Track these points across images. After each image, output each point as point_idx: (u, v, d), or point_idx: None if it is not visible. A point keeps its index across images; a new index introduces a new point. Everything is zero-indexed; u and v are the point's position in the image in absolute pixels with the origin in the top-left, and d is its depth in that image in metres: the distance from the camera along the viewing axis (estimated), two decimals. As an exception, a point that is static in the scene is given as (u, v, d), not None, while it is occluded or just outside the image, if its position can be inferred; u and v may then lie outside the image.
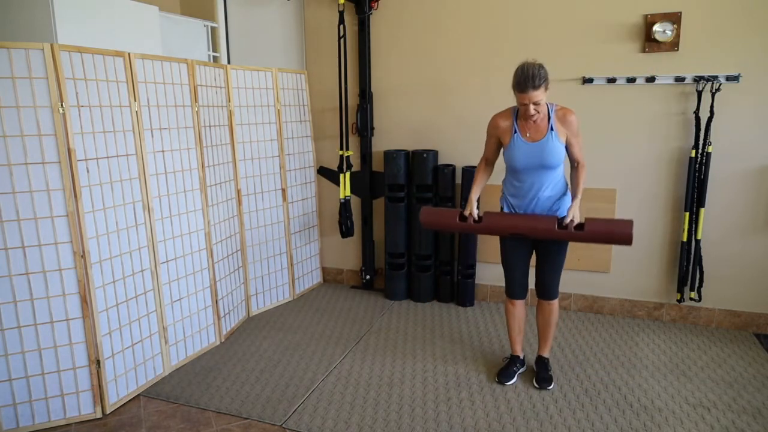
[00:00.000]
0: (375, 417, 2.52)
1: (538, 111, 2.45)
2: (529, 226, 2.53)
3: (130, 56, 2.65)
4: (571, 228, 2.47)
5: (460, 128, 3.79)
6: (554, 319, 2.78)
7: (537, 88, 2.38)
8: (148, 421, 2.53)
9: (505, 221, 2.60)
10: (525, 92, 2.39)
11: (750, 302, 3.35)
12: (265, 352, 3.18)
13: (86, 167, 2.46)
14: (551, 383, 2.74)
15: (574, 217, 2.47)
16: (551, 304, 2.75)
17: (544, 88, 2.40)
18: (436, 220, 2.77)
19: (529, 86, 2.37)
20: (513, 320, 2.83)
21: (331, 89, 4.05)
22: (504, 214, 2.65)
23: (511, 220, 2.60)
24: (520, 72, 2.40)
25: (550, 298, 2.74)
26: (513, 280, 2.76)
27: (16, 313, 2.36)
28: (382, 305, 3.89)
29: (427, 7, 3.72)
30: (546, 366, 2.81)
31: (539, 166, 2.52)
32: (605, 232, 2.45)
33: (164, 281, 2.90)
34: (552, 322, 2.78)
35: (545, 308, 2.76)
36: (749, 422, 2.43)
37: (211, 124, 3.22)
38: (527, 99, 2.40)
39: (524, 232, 2.56)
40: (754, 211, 3.26)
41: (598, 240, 2.49)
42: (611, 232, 2.44)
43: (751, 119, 3.17)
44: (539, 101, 2.41)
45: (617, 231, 2.43)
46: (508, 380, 2.78)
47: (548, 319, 2.77)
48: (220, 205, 3.33)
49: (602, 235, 2.46)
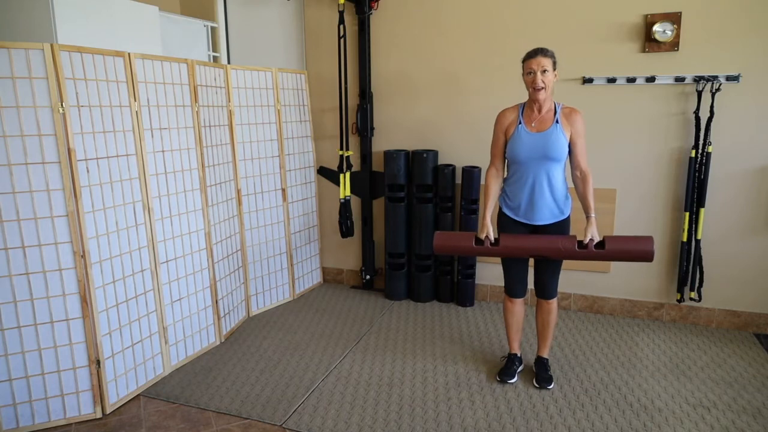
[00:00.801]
0: (375, 417, 2.52)
1: (545, 83, 2.45)
2: (550, 247, 2.49)
3: (130, 56, 2.65)
4: (591, 247, 2.46)
5: (460, 128, 3.79)
6: (553, 319, 2.78)
7: (546, 55, 2.45)
8: (148, 421, 2.53)
9: (525, 243, 2.53)
10: (534, 57, 2.44)
11: (750, 302, 3.35)
12: (265, 352, 3.18)
13: (86, 167, 2.46)
14: (551, 383, 2.74)
15: (593, 236, 2.48)
16: (550, 303, 2.75)
17: (552, 61, 2.47)
18: (450, 245, 2.65)
19: (539, 53, 2.45)
20: (512, 318, 2.83)
21: (331, 89, 4.05)
22: (522, 236, 2.58)
23: (531, 241, 2.53)
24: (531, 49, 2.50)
25: (549, 298, 2.74)
26: (512, 278, 2.76)
27: (16, 313, 2.36)
28: (382, 305, 3.89)
29: (427, 7, 3.72)
30: (545, 366, 2.81)
31: (542, 157, 2.51)
32: (626, 251, 2.43)
33: (164, 281, 2.90)
34: (551, 322, 2.78)
35: (544, 308, 2.76)
36: (749, 422, 2.43)
37: (211, 124, 3.22)
38: (536, 64, 2.44)
39: (545, 254, 2.51)
40: (754, 211, 3.26)
41: (619, 258, 2.47)
42: (632, 251, 2.43)
43: (751, 119, 3.17)
44: (547, 69, 2.44)
45: (638, 248, 2.42)
46: (509, 378, 2.79)
47: (547, 319, 2.77)
48: (220, 205, 3.33)
49: (623, 253, 2.44)
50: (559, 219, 2.60)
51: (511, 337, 2.87)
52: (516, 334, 2.86)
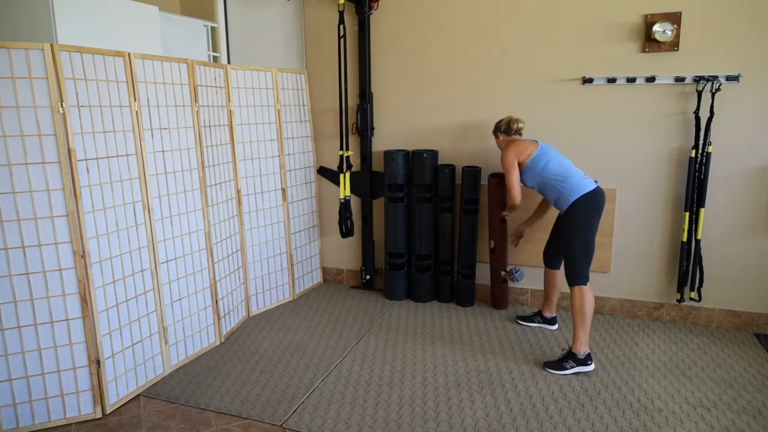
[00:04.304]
0: (375, 417, 2.52)
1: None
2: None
3: (130, 56, 2.65)
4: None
5: (460, 128, 3.79)
6: (576, 306, 2.84)
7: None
8: (148, 421, 2.53)
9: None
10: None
11: (750, 302, 3.35)
12: (265, 352, 3.18)
13: (86, 167, 2.46)
14: (552, 368, 2.89)
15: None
16: (572, 289, 2.86)
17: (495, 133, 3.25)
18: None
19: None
20: (544, 282, 3.37)
21: (331, 89, 4.05)
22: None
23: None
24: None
25: (569, 282, 2.87)
26: (545, 248, 3.31)
27: (16, 313, 2.36)
28: (382, 305, 3.89)
29: (427, 7, 3.72)
30: (563, 354, 2.95)
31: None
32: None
33: (164, 281, 2.90)
34: (573, 310, 2.86)
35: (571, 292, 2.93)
36: (749, 422, 2.43)
37: (211, 124, 3.22)
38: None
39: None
40: (754, 211, 3.26)
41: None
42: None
43: (751, 119, 3.17)
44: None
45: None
46: (524, 321, 3.46)
47: (572, 305, 2.88)
48: (220, 205, 3.33)
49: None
50: (563, 209, 2.95)
51: (543, 298, 3.45)
52: (546, 296, 3.38)
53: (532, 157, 2.96)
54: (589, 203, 2.81)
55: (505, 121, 3.18)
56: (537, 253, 3.65)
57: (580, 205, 2.82)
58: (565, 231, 2.89)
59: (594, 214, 2.83)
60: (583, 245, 2.82)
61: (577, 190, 2.83)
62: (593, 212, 2.83)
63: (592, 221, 2.83)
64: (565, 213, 2.88)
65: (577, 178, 2.86)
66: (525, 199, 3.60)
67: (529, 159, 2.97)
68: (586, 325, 2.82)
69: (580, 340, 2.85)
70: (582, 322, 2.82)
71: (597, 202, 2.83)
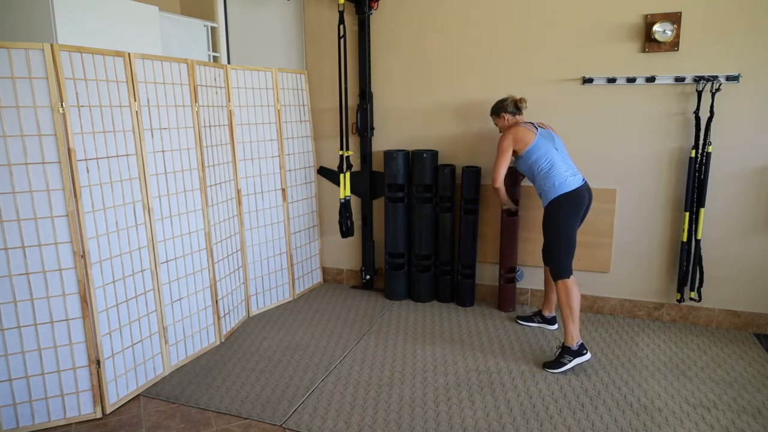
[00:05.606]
0: (375, 417, 2.52)
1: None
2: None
3: (130, 56, 2.65)
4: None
5: (460, 128, 3.79)
6: (562, 300, 2.87)
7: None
8: (148, 421, 2.53)
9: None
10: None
11: (750, 302, 3.35)
12: (265, 352, 3.18)
13: (86, 167, 2.46)
14: (551, 368, 2.88)
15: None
16: (556, 284, 2.89)
17: (493, 117, 3.28)
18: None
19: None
20: (544, 281, 3.41)
21: (331, 89, 4.05)
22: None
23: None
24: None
25: (553, 277, 2.91)
26: (542, 248, 3.16)
27: (16, 313, 2.36)
28: (382, 305, 3.89)
29: (426, 7, 3.72)
30: (559, 352, 2.93)
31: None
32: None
33: (164, 281, 2.90)
34: (560, 304, 2.88)
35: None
36: (749, 422, 2.43)
37: (211, 124, 3.22)
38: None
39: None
40: (754, 212, 3.26)
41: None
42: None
43: (751, 119, 3.17)
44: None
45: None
46: (524, 321, 3.46)
47: (558, 299, 2.91)
48: (220, 205, 3.33)
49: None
50: (544, 205, 2.99)
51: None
52: (545, 295, 3.40)
53: (527, 149, 2.98)
54: (567, 201, 2.86)
55: (510, 100, 3.16)
56: (537, 253, 3.65)
57: (559, 203, 2.87)
58: (546, 226, 2.96)
59: (571, 212, 2.87)
60: (564, 239, 2.87)
61: (558, 189, 2.88)
62: (570, 210, 2.87)
63: (570, 219, 2.87)
64: (546, 209, 2.95)
65: (563, 177, 2.88)
66: (525, 199, 3.61)
67: (523, 150, 3.00)
68: (575, 317, 2.85)
69: (571, 333, 2.87)
70: (570, 315, 2.85)
71: (576, 201, 2.86)
